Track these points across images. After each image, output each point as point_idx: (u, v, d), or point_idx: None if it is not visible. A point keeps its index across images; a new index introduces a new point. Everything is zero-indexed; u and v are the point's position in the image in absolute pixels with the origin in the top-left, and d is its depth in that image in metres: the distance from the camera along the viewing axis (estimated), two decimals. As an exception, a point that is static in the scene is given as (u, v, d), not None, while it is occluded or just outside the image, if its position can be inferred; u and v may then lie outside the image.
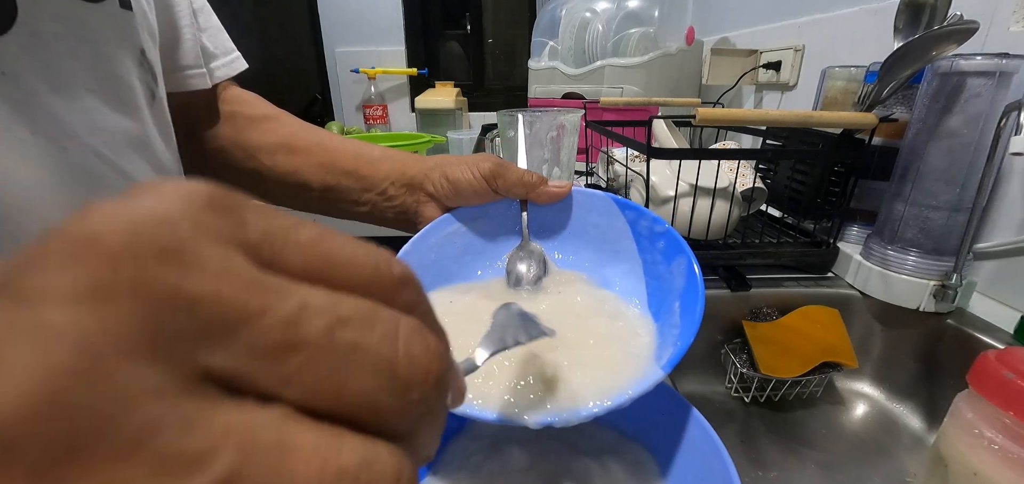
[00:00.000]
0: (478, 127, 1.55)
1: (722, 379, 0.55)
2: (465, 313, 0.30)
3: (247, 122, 0.44)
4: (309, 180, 0.42)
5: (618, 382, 0.24)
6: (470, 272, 0.36)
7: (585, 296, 0.32)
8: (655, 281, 0.32)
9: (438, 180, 0.37)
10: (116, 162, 0.28)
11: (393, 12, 1.61)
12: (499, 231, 0.37)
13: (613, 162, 0.76)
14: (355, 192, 0.41)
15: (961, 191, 0.47)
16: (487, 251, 0.37)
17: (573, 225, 0.37)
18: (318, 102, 1.81)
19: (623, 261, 0.34)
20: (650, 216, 0.33)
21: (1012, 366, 0.28)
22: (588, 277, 0.34)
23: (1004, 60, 0.44)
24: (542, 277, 0.34)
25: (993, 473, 0.28)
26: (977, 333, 0.47)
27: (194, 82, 0.40)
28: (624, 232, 0.34)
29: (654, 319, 0.30)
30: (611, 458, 0.30)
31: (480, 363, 0.18)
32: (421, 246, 0.34)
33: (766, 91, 0.95)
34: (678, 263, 0.30)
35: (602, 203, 0.35)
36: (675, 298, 0.29)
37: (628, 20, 1.03)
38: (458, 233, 0.36)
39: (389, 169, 0.40)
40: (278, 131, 0.44)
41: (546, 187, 0.35)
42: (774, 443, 0.49)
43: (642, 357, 0.27)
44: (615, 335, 0.28)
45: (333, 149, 0.42)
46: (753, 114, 0.85)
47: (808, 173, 0.65)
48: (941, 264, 0.48)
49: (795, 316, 0.52)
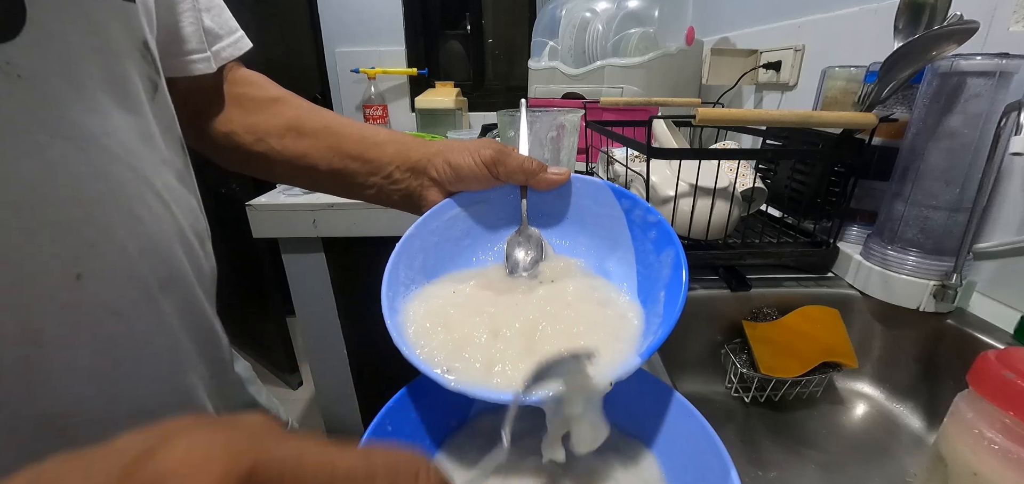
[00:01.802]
0: (478, 127, 1.55)
1: (722, 379, 0.55)
2: (468, 305, 0.32)
3: (255, 104, 0.44)
4: (317, 163, 0.42)
5: (599, 366, 0.25)
6: (470, 255, 0.37)
7: (577, 282, 0.33)
8: (645, 269, 0.33)
9: (441, 165, 0.38)
10: (129, 161, 0.28)
11: (393, 12, 1.61)
12: (499, 216, 0.38)
13: (613, 162, 0.76)
14: (361, 175, 0.42)
15: (961, 191, 0.47)
16: (488, 235, 0.38)
17: (571, 212, 0.37)
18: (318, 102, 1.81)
19: (618, 248, 0.35)
20: (644, 206, 0.34)
21: (1012, 366, 0.28)
22: (583, 263, 0.35)
23: (1004, 60, 0.44)
24: (539, 261, 0.35)
25: (993, 473, 0.28)
26: (977, 333, 0.47)
27: (198, 66, 0.39)
28: (619, 220, 0.35)
29: (642, 306, 0.31)
30: (611, 455, 0.30)
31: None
32: (424, 230, 0.35)
33: (766, 91, 0.95)
34: (667, 254, 0.31)
35: (600, 191, 0.36)
36: (661, 287, 0.30)
37: (628, 20, 1.03)
38: (459, 218, 0.37)
39: (394, 153, 0.41)
40: (286, 114, 0.44)
41: (545, 174, 0.36)
42: (774, 443, 0.49)
43: (627, 343, 0.28)
44: (603, 321, 0.30)
45: (340, 132, 0.42)
46: (753, 114, 0.84)
47: (808, 173, 0.65)
48: (941, 264, 0.48)
49: (795, 316, 0.52)
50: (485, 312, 0.30)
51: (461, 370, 0.26)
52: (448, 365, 0.26)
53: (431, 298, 0.32)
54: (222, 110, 0.43)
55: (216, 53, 0.41)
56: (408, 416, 0.30)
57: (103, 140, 0.27)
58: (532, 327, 0.29)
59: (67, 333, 0.25)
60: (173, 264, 0.32)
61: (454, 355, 0.27)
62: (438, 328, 0.29)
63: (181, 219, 0.33)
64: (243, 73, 0.46)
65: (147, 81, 0.31)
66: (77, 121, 0.25)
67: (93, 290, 0.26)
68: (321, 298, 1.07)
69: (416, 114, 1.54)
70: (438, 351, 0.27)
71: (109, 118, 0.27)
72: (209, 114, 0.43)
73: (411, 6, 1.64)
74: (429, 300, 0.32)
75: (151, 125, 0.31)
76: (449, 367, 0.26)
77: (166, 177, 0.32)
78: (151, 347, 0.30)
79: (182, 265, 0.33)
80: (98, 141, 0.26)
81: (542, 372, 0.23)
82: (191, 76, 0.39)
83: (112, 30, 0.28)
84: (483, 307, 0.31)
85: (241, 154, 0.43)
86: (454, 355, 0.27)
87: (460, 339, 0.28)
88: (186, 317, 0.34)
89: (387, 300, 0.29)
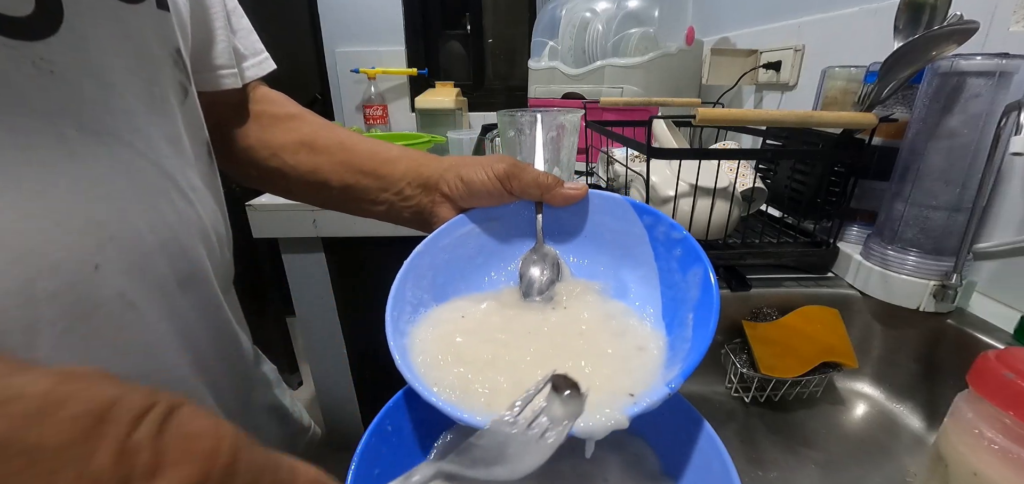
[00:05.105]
0: (478, 127, 1.55)
1: (722, 379, 0.55)
2: (478, 330, 0.30)
3: (272, 120, 0.45)
4: (329, 179, 0.42)
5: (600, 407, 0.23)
6: (483, 274, 0.35)
7: (593, 310, 0.31)
8: (670, 290, 0.31)
9: (453, 181, 0.37)
10: (156, 159, 0.29)
11: (393, 12, 1.61)
12: (513, 233, 0.36)
13: (613, 162, 0.76)
14: (373, 191, 0.42)
15: (961, 191, 0.47)
16: (501, 253, 0.36)
17: (589, 229, 0.35)
18: (318, 102, 1.81)
19: (639, 267, 0.33)
20: (668, 222, 0.32)
21: (1012, 366, 0.28)
22: (602, 285, 0.33)
23: (1004, 60, 0.44)
24: (556, 281, 0.33)
25: (993, 473, 0.28)
26: (977, 333, 0.47)
27: (226, 82, 0.41)
28: (641, 237, 0.33)
29: (667, 331, 0.29)
30: (611, 455, 0.30)
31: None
32: (434, 247, 0.34)
33: (766, 91, 0.95)
34: (694, 273, 0.29)
35: (619, 207, 0.34)
36: (689, 310, 0.28)
37: (628, 20, 1.03)
38: (471, 234, 0.35)
39: (405, 169, 0.41)
40: (301, 130, 0.44)
41: (561, 189, 0.34)
42: (774, 443, 0.49)
43: (644, 377, 0.26)
44: (616, 354, 0.28)
45: (352, 148, 0.43)
46: (753, 114, 0.85)
47: (808, 173, 0.65)
48: (941, 264, 0.48)
49: (795, 316, 0.52)
50: (496, 340, 0.29)
51: (470, 405, 0.25)
52: (457, 399, 0.25)
53: (439, 323, 0.30)
54: (242, 126, 0.44)
55: (242, 70, 0.43)
56: (408, 416, 0.30)
57: (128, 137, 0.28)
58: (543, 359, 0.28)
59: (82, 325, 0.26)
60: (194, 261, 0.32)
61: (462, 388, 0.26)
62: (448, 358, 0.27)
63: (205, 218, 0.34)
64: (263, 91, 0.47)
65: (177, 86, 0.32)
66: (104, 118, 0.26)
67: (110, 281, 0.26)
68: (321, 298, 1.07)
69: (416, 114, 1.54)
70: (448, 384, 0.26)
71: (136, 117, 0.28)
72: (230, 129, 0.44)
73: (411, 6, 1.64)
74: (437, 325, 0.30)
75: (179, 127, 0.32)
76: (460, 402, 0.25)
77: (191, 177, 0.33)
78: (166, 341, 0.30)
79: (203, 264, 0.33)
80: (123, 138, 0.27)
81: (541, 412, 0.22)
82: (219, 91, 0.41)
83: (146, 36, 0.29)
84: (494, 334, 0.30)
85: (257, 169, 0.44)
86: (462, 388, 0.26)
87: (469, 371, 0.27)
88: (205, 315, 0.34)
89: (391, 321, 0.28)
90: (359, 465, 0.26)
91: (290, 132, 0.44)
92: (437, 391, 0.24)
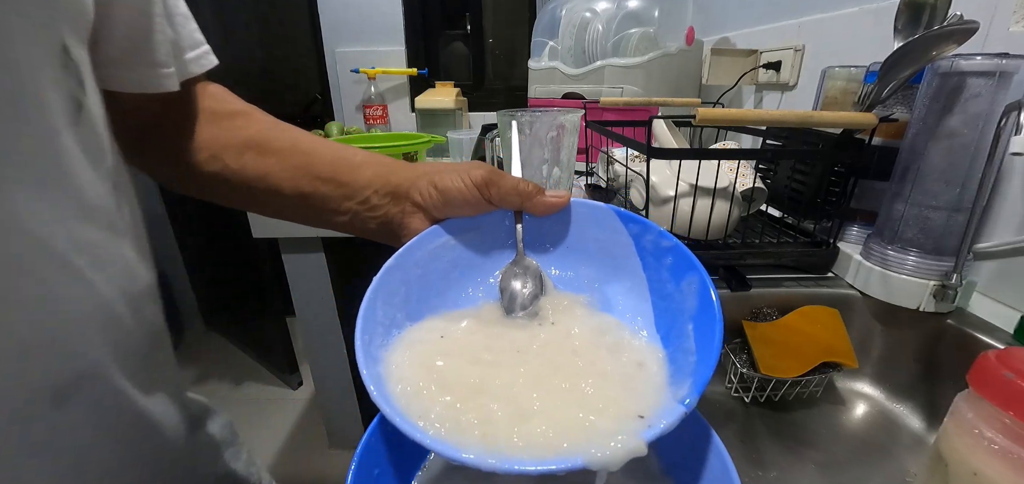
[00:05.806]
0: (478, 127, 1.54)
1: (722, 379, 0.55)
2: (460, 352, 0.28)
3: (213, 118, 0.38)
4: (280, 185, 0.37)
5: (609, 433, 0.22)
6: (460, 290, 0.33)
7: (583, 324, 0.30)
8: (662, 301, 0.30)
9: (426, 189, 0.34)
10: (15, 224, 0.19)
11: (393, 12, 1.61)
12: (492, 244, 0.34)
13: (613, 162, 0.76)
14: (334, 200, 0.37)
15: (961, 191, 0.47)
16: (479, 266, 0.34)
17: (572, 238, 0.34)
18: (318, 102, 1.82)
19: (626, 278, 0.32)
20: (656, 230, 0.31)
21: (1012, 366, 0.28)
22: (587, 299, 0.32)
23: (1004, 60, 0.44)
24: (539, 296, 0.31)
25: (993, 473, 0.28)
26: (977, 333, 0.47)
27: (167, 82, 0.33)
28: (628, 247, 0.32)
29: (663, 344, 0.28)
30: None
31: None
32: (406, 261, 0.31)
33: (766, 91, 0.95)
34: (689, 282, 0.28)
35: (603, 215, 0.33)
36: (687, 320, 0.27)
37: (628, 20, 1.03)
38: (447, 246, 0.33)
39: (372, 176, 0.36)
40: (248, 129, 0.38)
41: (543, 197, 0.32)
42: (774, 443, 0.49)
43: (649, 395, 0.24)
44: (616, 373, 0.26)
45: (310, 151, 0.37)
46: (753, 114, 0.85)
47: (808, 173, 0.65)
48: (941, 264, 0.48)
49: (795, 316, 0.52)
50: (482, 361, 0.27)
51: (464, 440, 0.22)
52: (447, 434, 0.22)
53: (415, 344, 0.28)
54: (173, 125, 0.37)
55: (185, 64, 0.36)
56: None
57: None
58: (538, 381, 0.26)
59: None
60: (80, 358, 0.23)
61: (452, 420, 0.23)
62: (431, 386, 0.24)
63: (103, 289, 0.23)
64: (201, 84, 0.40)
65: (66, 100, 0.22)
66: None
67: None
68: (321, 298, 1.07)
69: (416, 114, 1.54)
70: (435, 417, 0.23)
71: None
72: (156, 130, 0.37)
73: (411, 6, 1.64)
74: (413, 346, 0.27)
75: (64, 163, 0.22)
76: (451, 437, 0.22)
77: (82, 232, 0.22)
78: (33, 474, 0.22)
79: (97, 356, 0.23)
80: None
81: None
82: (157, 92, 0.33)
83: (14, 30, 0.18)
84: (479, 354, 0.27)
85: (190, 174, 0.37)
86: (452, 420, 0.23)
87: (456, 399, 0.24)
88: (102, 421, 0.24)
89: (362, 346, 0.25)
90: (359, 465, 0.26)
91: (235, 131, 0.38)
92: (423, 426, 0.22)
